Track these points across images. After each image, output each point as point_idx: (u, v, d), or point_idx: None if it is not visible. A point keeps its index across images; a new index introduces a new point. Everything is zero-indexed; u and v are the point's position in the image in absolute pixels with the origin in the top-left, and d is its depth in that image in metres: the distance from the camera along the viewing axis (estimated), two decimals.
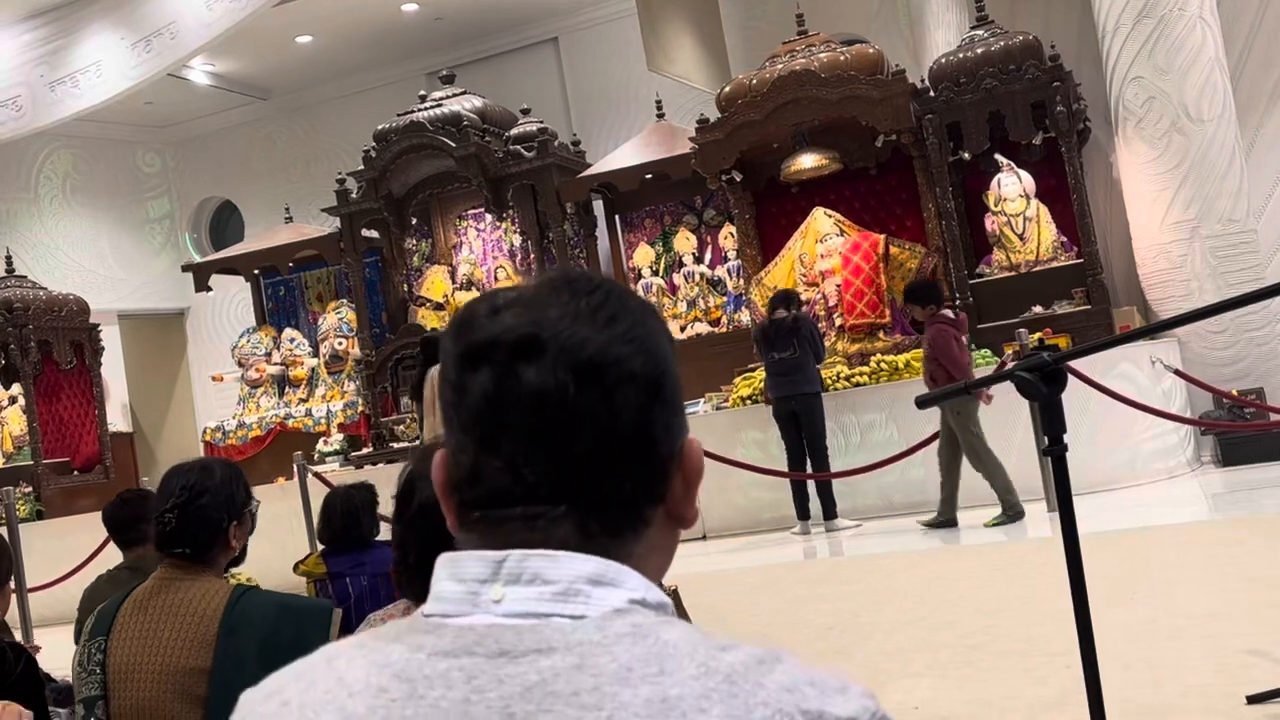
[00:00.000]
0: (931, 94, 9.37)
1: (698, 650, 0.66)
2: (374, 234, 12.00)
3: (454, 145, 11.04)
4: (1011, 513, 7.00)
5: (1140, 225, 9.16)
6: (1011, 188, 9.22)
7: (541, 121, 11.70)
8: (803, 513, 7.86)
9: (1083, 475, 7.04)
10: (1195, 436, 8.34)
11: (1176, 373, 8.00)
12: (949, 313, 7.35)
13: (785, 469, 8.03)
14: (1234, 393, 8.03)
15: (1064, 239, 9.24)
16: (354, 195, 11.71)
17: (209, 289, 12.87)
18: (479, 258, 12.06)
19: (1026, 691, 3.64)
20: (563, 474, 0.71)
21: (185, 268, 13.19)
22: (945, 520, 7.20)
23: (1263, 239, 8.86)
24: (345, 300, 12.35)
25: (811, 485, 7.87)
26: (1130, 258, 9.46)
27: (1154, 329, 2.60)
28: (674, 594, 2.87)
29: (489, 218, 11.93)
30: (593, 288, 0.75)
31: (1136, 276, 9.35)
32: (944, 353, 7.01)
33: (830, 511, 7.79)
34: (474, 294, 11.63)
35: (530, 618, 0.69)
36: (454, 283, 11.88)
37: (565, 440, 0.71)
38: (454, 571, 0.72)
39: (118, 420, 13.58)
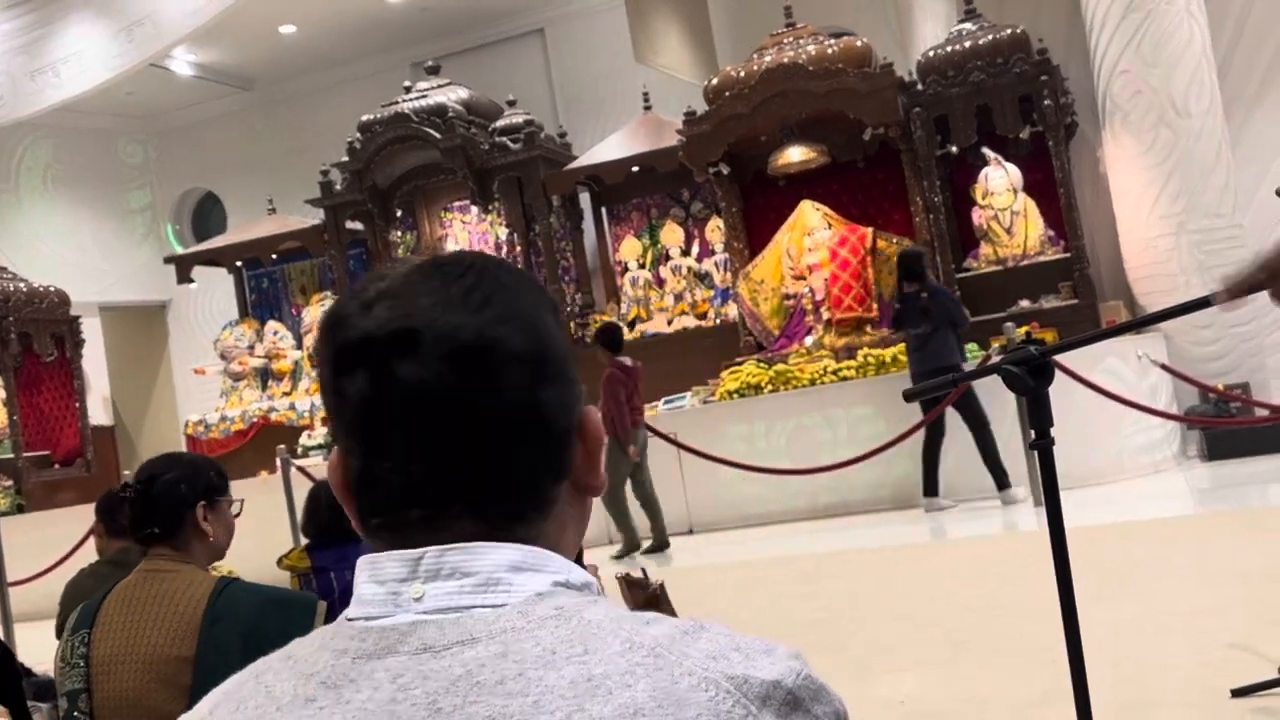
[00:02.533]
0: (919, 87, 9.34)
1: (622, 627, 0.66)
2: (358, 226, 11.92)
3: (439, 137, 10.97)
4: (659, 540, 7.63)
5: (1127, 219, 9.16)
6: (999, 181, 9.20)
7: (528, 113, 11.63)
8: (931, 489, 7.50)
9: (1069, 470, 7.04)
10: (1181, 431, 8.35)
11: (1163, 367, 8.01)
12: (626, 360, 7.64)
13: (771, 465, 8.01)
14: (1220, 387, 8.04)
15: (1051, 233, 9.23)
16: (338, 187, 11.63)
17: (191, 281, 12.78)
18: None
19: (1013, 687, 3.62)
20: (454, 468, 0.70)
21: (167, 259, 13.10)
22: (656, 546, 7.67)
23: (1249, 233, 8.85)
24: (329, 292, 12.27)
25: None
26: (1117, 252, 9.46)
27: (1139, 323, 2.58)
28: (660, 589, 2.83)
29: (475, 210, 11.86)
30: (463, 270, 0.74)
31: (1123, 271, 9.36)
32: (608, 397, 7.33)
33: (1003, 482, 7.33)
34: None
35: (452, 611, 0.68)
36: None
37: (452, 433, 0.70)
38: (373, 574, 0.71)
39: (99, 413, 13.48)
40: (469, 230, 12.07)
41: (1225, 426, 8.01)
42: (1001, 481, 7.35)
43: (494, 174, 11.20)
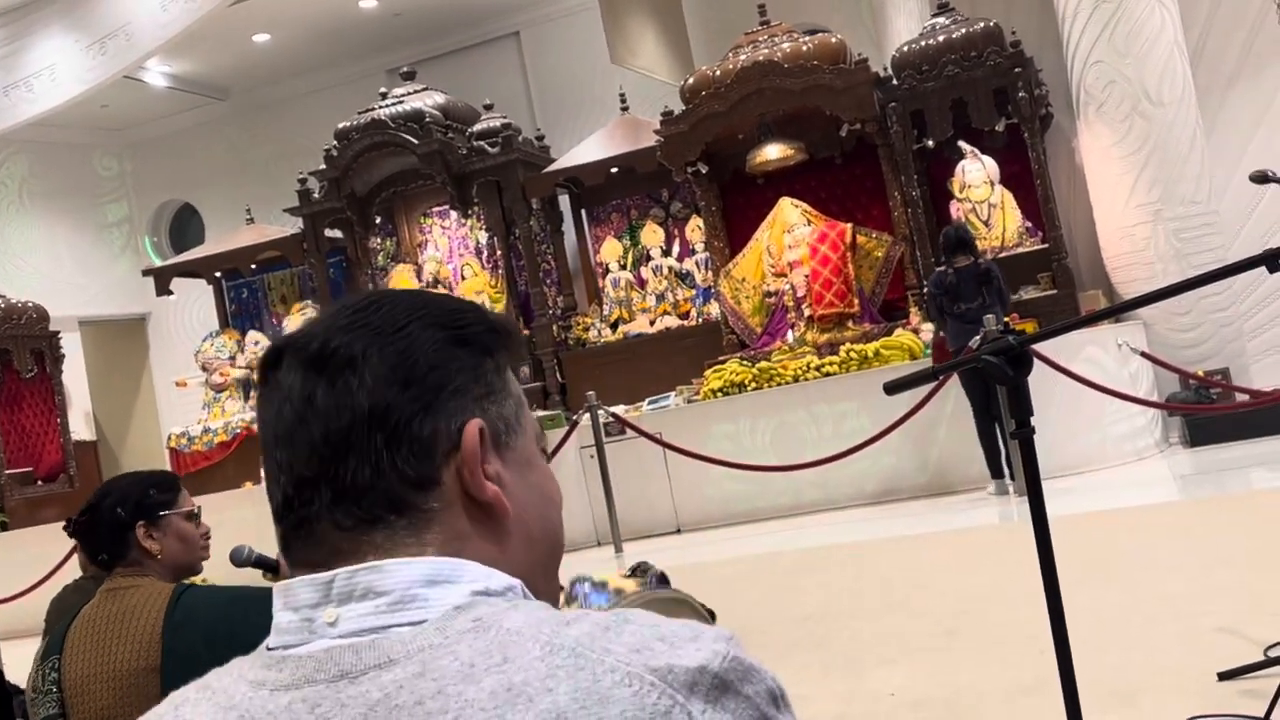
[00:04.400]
0: (894, 82, 9.38)
1: (541, 630, 0.65)
2: (337, 234, 11.89)
3: (416, 142, 10.95)
4: None
5: (1104, 209, 9.22)
6: (976, 174, 9.25)
7: (505, 117, 11.62)
8: (996, 471, 7.40)
9: (1052, 459, 7.09)
10: (1163, 418, 8.40)
11: (1143, 355, 8.06)
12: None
13: (756, 462, 8.03)
14: (1200, 374, 8.10)
15: (1029, 224, 9.28)
16: (316, 195, 11.59)
17: (170, 293, 12.71)
18: (445, 256, 11.97)
19: (1002, 676, 3.64)
20: (304, 473, 0.72)
21: (146, 272, 13.02)
22: None
23: (1225, 220, 8.93)
24: (310, 301, 12.23)
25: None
26: (1095, 242, 9.51)
27: (1117, 310, 2.59)
28: (662, 576, 2.85)
29: (454, 215, 11.84)
30: (371, 295, 0.78)
31: (1101, 260, 9.41)
32: None
33: (997, 471, 7.35)
34: (441, 291, 11.67)
35: (369, 633, 0.68)
36: (420, 281, 11.78)
37: (300, 439, 0.72)
38: (287, 601, 0.72)
39: (81, 428, 13.39)
40: (449, 235, 12.05)
41: (1206, 413, 8.06)
42: (996, 470, 7.39)
43: (472, 178, 11.18)
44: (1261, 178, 3.46)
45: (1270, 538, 4.72)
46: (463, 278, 11.74)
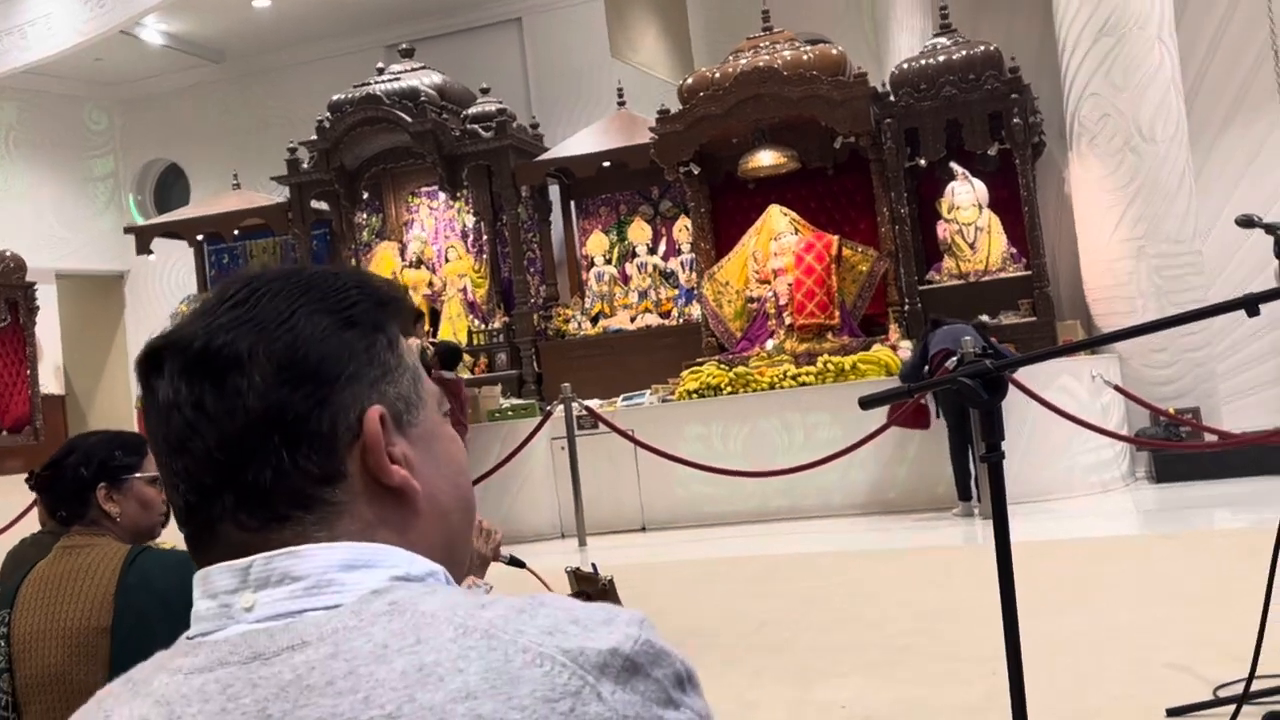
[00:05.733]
0: (891, 99, 9.40)
1: (456, 613, 0.66)
2: (323, 206, 11.81)
3: (410, 120, 10.89)
4: None
5: (1089, 241, 9.28)
6: (965, 196, 9.29)
7: (501, 102, 11.58)
8: (964, 492, 7.49)
9: (1018, 484, 7.13)
10: (1131, 452, 8.46)
11: (1116, 388, 8.11)
12: (447, 374, 8.11)
13: (727, 466, 8.04)
14: (1171, 411, 8.16)
15: (1013, 250, 9.33)
16: (305, 165, 11.51)
17: (150, 252, 12.60)
18: (430, 236, 11.91)
19: (952, 695, 3.66)
20: (204, 481, 0.71)
21: (128, 229, 12.90)
22: None
23: (1208, 261, 9.00)
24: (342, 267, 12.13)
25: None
26: (1077, 272, 9.57)
27: (1093, 342, 2.61)
28: (609, 584, 2.83)
29: (443, 196, 11.79)
30: (246, 281, 0.74)
31: (1082, 291, 9.47)
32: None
33: (965, 493, 7.45)
34: (423, 272, 11.59)
35: (284, 618, 0.68)
36: (403, 260, 11.73)
37: (195, 448, 0.71)
38: (205, 588, 0.72)
39: (50, 382, 13.25)
40: (435, 216, 12.00)
41: (1174, 450, 8.13)
42: (964, 491, 7.44)
43: (464, 161, 11.13)
44: (1247, 221, 3.48)
45: (1228, 578, 4.76)
46: (446, 260, 11.69)
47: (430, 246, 11.83)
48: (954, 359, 7.13)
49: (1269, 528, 2.85)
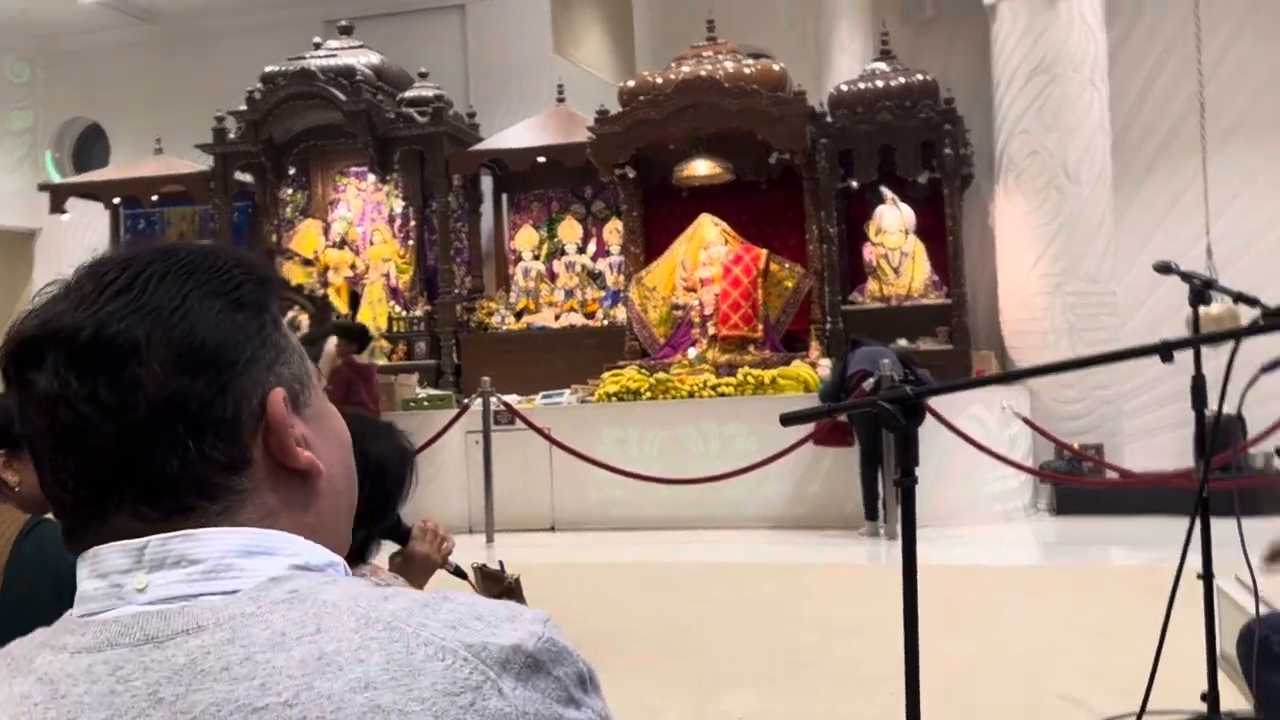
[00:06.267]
0: (828, 119, 9.51)
1: (358, 604, 0.65)
2: (248, 178, 11.54)
3: (344, 99, 10.70)
4: None
5: (1008, 274, 9.48)
6: (892, 221, 9.42)
7: (439, 88, 11.44)
8: (871, 513, 7.60)
9: (925, 508, 7.20)
10: (1035, 484, 8.66)
11: (1024, 420, 8.29)
12: (359, 359, 8.06)
13: (641, 471, 8.03)
14: (1075, 446, 8.37)
15: (936, 278, 9.49)
16: (232, 135, 11.24)
17: (64, 212, 12.18)
18: (356, 217, 11.72)
19: (849, 711, 3.69)
20: (101, 477, 0.68)
21: (42, 187, 12.46)
22: None
23: (1121, 302, 9.25)
24: (209, 242, 11.84)
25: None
26: (995, 304, 9.77)
27: (1012, 376, 2.66)
28: (515, 583, 2.80)
29: (372, 178, 11.60)
30: (122, 264, 0.71)
31: (999, 323, 9.67)
32: (341, 393, 7.47)
33: (872, 513, 7.58)
34: (346, 253, 11.40)
35: (179, 600, 0.66)
36: (326, 240, 11.52)
37: (90, 443, 0.67)
38: (95, 568, 0.69)
39: None
40: (363, 198, 11.81)
41: (1076, 484, 8.33)
42: (871, 511, 7.54)
43: (396, 144, 10.98)
44: (1165, 268, 3.58)
45: (1120, 613, 4.89)
46: (371, 243, 11.52)
47: (355, 228, 11.64)
48: (871, 380, 7.23)
49: (1164, 566, 2.92)
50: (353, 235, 11.57)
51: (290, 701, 0.60)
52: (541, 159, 10.84)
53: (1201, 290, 3.38)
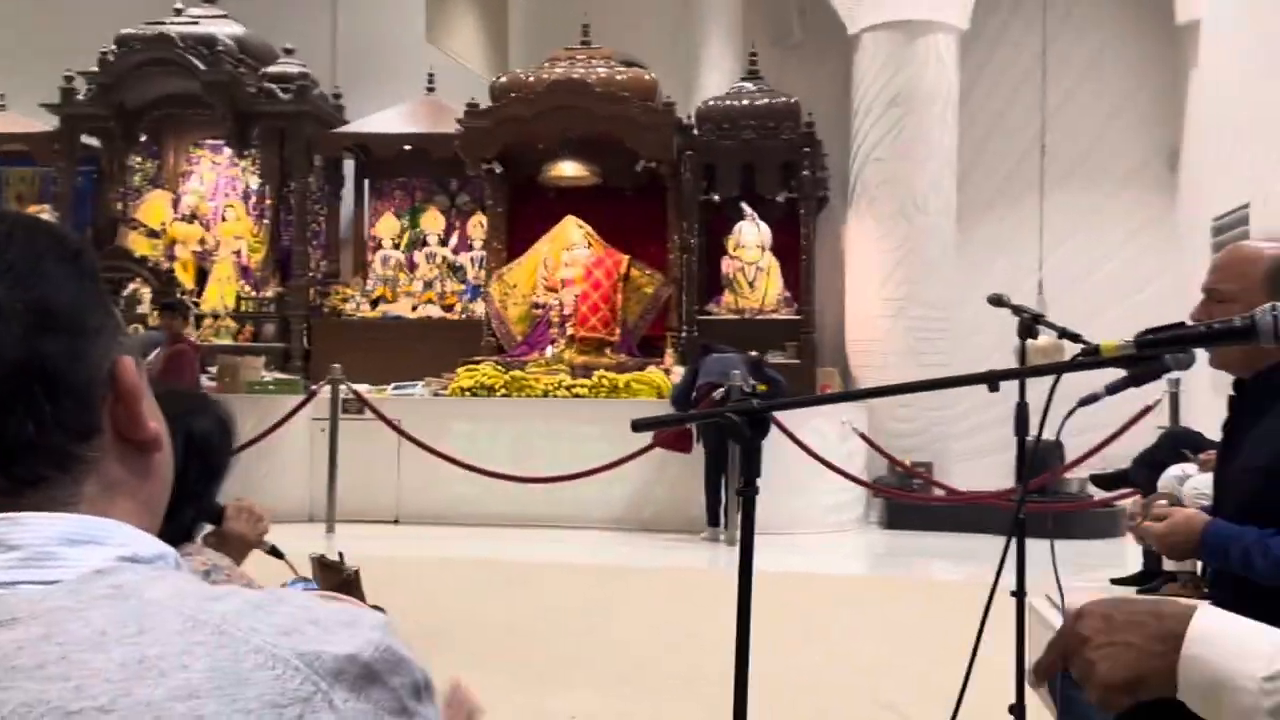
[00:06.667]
0: (695, 132, 9.71)
1: (185, 604, 0.62)
2: (95, 142, 11.04)
3: (203, 69, 10.35)
4: None
5: (855, 295, 9.86)
6: (750, 236, 9.68)
7: (305, 66, 11.18)
8: (714, 519, 7.75)
9: (764, 516, 7.40)
10: (867, 497, 9.01)
11: (861, 435, 8.63)
12: (191, 338, 8.04)
13: (491, 468, 8.03)
14: (908, 463, 8.75)
15: (788, 294, 9.79)
16: (80, 97, 10.73)
17: None
18: (209, 191, 11.33)
19: (680, 713, 3.80)
20: None
21: None
22: None
23: (958, 328, 9.72)
24: (49, 206, 11.27)
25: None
26: (841, 323, 10.13)
27: (856, 396, 2.80)
28: (354, 575, 2.79)
29: (228, 152, 11.25)
30: None
31: (844, 341, 10.03)
32: (181, 371, 7.34)
33: (715, 519, 7.75)
34: (195, 227, 11.00)
35: None
36: (175, 212, 11.11)
37: None
38: None
39: None
40: (217, 172, 11.43)
41: (906, 500, 8.71)
42: (714, 518, 7.73)
43: (256, 120, 10.68)
44: (997, 300, 3.80)
45: (942, 625, 5.15)
46: (224, 219, 11.16)
47: (207, 202, 11.26)
48: (721, 390, 7.41)
49: (982, 582, 3.11)
50: (204, 209, 11.19)
51: (106, 707, 0.56)
52: (408, 147, 10.71)
53: (1030, 324, 3.61)
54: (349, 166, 11.40)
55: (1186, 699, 0.96)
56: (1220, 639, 0.94)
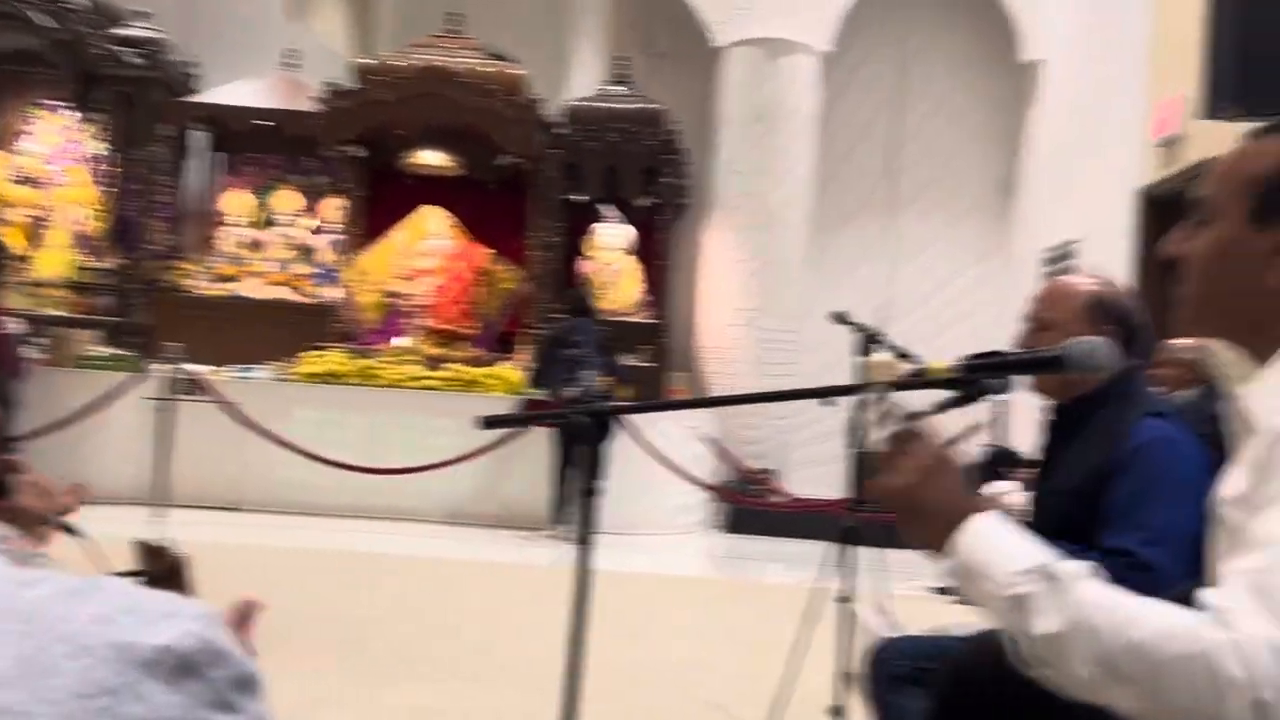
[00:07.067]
0: (560, 131, 9.73)
1: None
2: None
3: (48, 25, 9.82)
4: None
5: (709, 303, 10.06)
6: (611, 239, 9.77)
7: (159, 31, 10.72)
8: (559, 517, 7.69)
9: (610, 515, 7.52)
10: (711, 501, 9.20)
11: (708, 440, 8.81)
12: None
13: (336, 457, 7.88)
14: (750, 468, 8.98)
15: (645, 298, 9.91)
16: None
17: None
18: (48, 155, 10.75)
19: (516, 708, 3.83)
20: None
21: None
22: None
23: (805, 341, 10.01)
24: None
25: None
26: (695, 329, 10.32)
27: (705, 403, 2.88)
28: (180, 562, 2.71)
29: (70, 115, 10.69)
30: None
31: (697, 347, 10.22)
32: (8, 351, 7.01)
33: (562, 517, 7.69)
34: (30, 190, 10.43)
35: None
36: (9, 174, 10.50)
37: None
38: None
39: None
40: (58, 135, 10.84)
41: (747, 504, 8.93)
42: (559, 516, 7.76)
43: (103, 83, 10.19)
44: (839, 318, 3.97)
45: (772, 627, 5.31)
46: (62, 184, 10.60)
47: (45, 165, 10.68)
48: (575, 389, 7.46)
49: (814, 586, 3.25)
50: (40, 173, 10.61)
51: None
52: (264, 122, 10.39)
53: (868, 341, 3.78)
54: (200, 138, 10.99)
55: (949, 570, 1.16)
56: (995, 536, 1.14)
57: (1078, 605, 1.03)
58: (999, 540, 1.14)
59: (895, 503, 1.19)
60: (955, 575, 1.15)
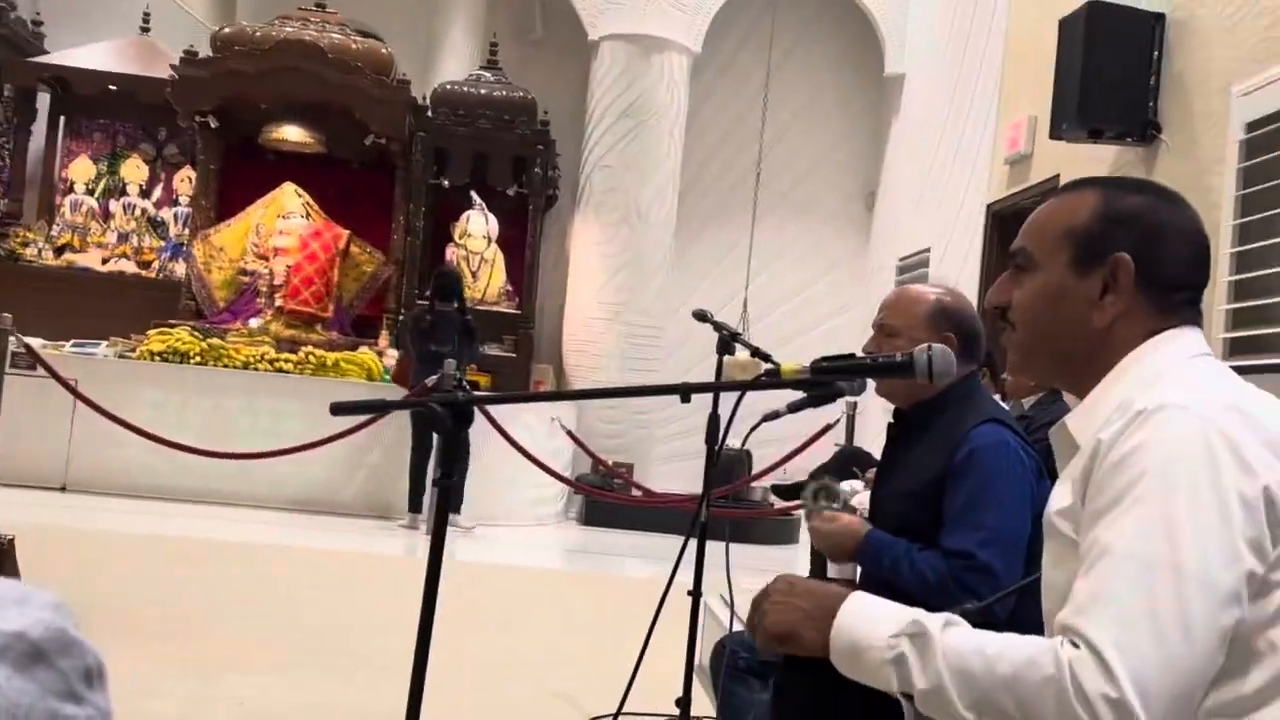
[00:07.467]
0: (429, 114, 9.56)
1: None
2: None
3: None
4: None
5: (576, 296, 10.05)
6: (478, 226, 9.65)
7: None
8: (415, 505, 7.58)
9: (470, 505, 7.50)
10: (569, 494, 9.21)
11: (569, 433, 8.81)
12: None
13: (178, 439, 7.57)
14: (610, 463, 9.01)
15: (510, 288, 9.84)
16: None
17: None
18: None
19: (355, 700, 3.75)
20: None
21: None
22: None
23: (668, 338, 10.12)
24: None
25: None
26: (560, 321, 10.30)
27: (567, 396, 2.87)
28: (9, 545, 2.59)
29: None
30: None
31: (561, 339, 10.20)
32: None
33: (416, 505, 7.65)
34: None
35: None
36: None
37: None
38: None
39: None
40: None
41: (604, 498, 8.97)
42: (415, 504, 7.64)
43: None
44: (701, 316, 4.01)
45: (623, 619, 5.35)
46: None
47: None
48: (434, 377, 7.35)
49: (666, 580, 3.27)
50: None
51: None
52: (113, 87, 9.91)
53: (727, 341, 3.83)
54: (44, 100, 10.41)
55: (836, 661, 1.21)
56: (862, 612, 1.21)
57: (946, 654, 1.11)
58: (867, 614, 1.20)
59: (777, 636, 1.26)
60: (839, 661, 1.21)
